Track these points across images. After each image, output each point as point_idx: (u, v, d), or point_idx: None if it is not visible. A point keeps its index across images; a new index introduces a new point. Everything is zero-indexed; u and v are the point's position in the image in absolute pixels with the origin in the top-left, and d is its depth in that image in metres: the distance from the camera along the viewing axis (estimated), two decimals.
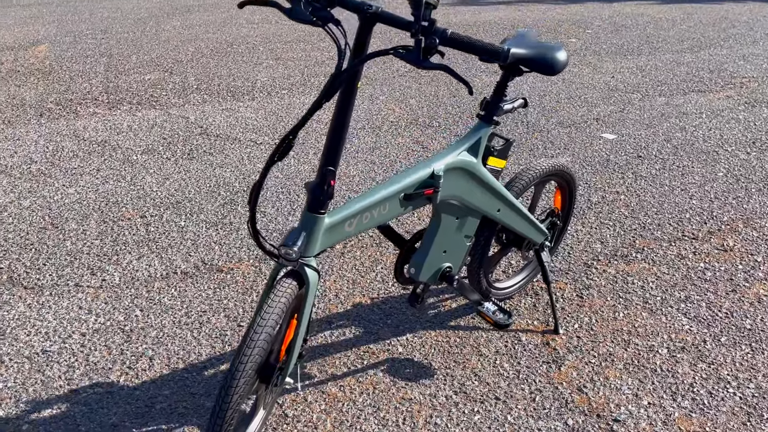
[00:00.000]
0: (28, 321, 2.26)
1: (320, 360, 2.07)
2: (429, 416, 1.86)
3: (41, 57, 6.08)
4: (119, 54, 6.10)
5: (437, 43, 1.33)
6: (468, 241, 1.98)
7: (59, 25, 7.76)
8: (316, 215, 1.52)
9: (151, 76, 5.32)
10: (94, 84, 5.08)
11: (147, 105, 4.54)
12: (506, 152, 1.95)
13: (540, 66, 1.79)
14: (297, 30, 6.99)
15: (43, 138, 3.96)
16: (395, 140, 3.85)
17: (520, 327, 2.23)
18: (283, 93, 4.74)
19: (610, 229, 2.84)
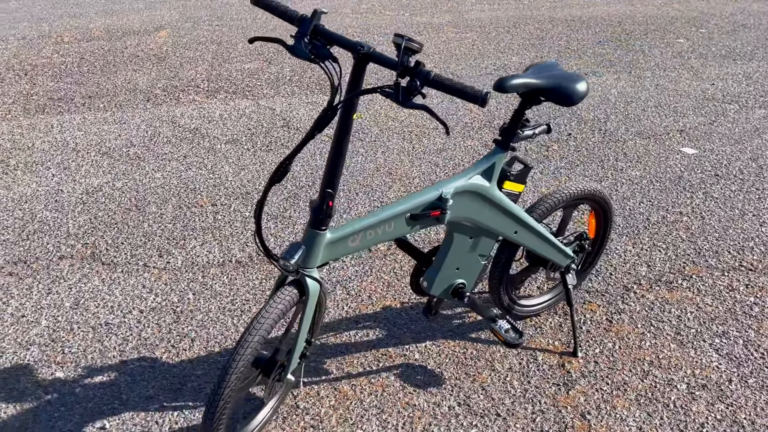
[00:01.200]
0: (99, 294, 2.57)
1: (340, 357, 2.23)
2: (428, 424, 1.96)
3: (160, 42, 6.59)
4: (228, 42, 6.48)
5: (419, 85, 1.42)
6: (483, 260, 2.04)
7: (183, 11, 8.33)
8: (317, 231, 1.65)
9: (251, 65, 5.64)
10: (199, 72, 5.47)
11: (241, 95, 4.85)
12: (524, 177, 1.99)
13: (556, 97, 1.82)
14: (402, 22, 7.11)
15: (145, 123, 4.35)
16: (465, 142, 3.91)
17: (540, 346, 2.26)
18: None
19: (661, 252, 2.78)
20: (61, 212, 3.19)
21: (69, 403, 2.04)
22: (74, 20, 7.85)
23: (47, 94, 4.97)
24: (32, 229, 3.04)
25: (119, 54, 6.13)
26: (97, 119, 4.40)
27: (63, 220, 3.11)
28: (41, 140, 4.07)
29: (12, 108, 4.70)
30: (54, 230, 3.03)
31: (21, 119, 4.46)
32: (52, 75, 5.47)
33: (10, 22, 7.97)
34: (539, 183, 3.39)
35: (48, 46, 6.56)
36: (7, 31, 7.40)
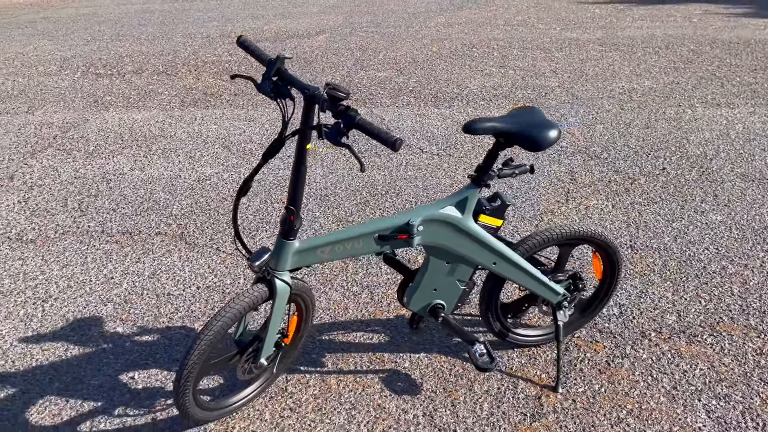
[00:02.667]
0: (172, 269, 3.07)
1: (339, 354, 2.49)
2: (388, 427, 2.17)
3: (315, 46, 7.20)
4: (373, 49, 6.93)
5: (344, 127, 1.65)
6: (462, 285, 2.20)
7: (348, 16, 8.95)
8: (285, 241, 1.94)
9: (383, 74, 6.02)
10: (334, 77, 5.96)
11: (361, 102, 5.24)
12: (500, 212, 2.11)
13: (522, 142, 1.93)
14: (548, 36, 7.10)
15: (269, 122, 4.90)
16: (547, 167, 3.94)
17: (526, 375, 2.36)
18: (479, 104, 5.05)
19: (700, 304, 2.69)
20: (172, 195, 3.77)
21: (116, 354, 2.52)
22: (254, 21, 8.78)
23: (204, 89, 5.73)
24: (146, 207, 3.65)
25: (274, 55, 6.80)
26: (232, 115, 5.03)
27: (171, 202, 3.69)
28: (183, 130, 4.76)
29: (173, 99, 5.50)
30: (162, 210, 3.61)
31: (175, 110, 5.22)
32: (214, 72, 6.26)
33: (204, 21, 9.12)
34: (608, 217, 3.36)
35: (223, 45, 7.46)
36: (197, 29, 8.50)
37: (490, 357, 2.21)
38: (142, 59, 6.95)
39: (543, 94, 5.20)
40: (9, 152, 4.51)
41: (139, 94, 5.70)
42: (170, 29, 8.53)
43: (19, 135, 4.84)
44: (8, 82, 6.32)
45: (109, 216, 3.56)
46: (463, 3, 9.56)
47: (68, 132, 4.83)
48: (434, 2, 9.70)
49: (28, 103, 5.63)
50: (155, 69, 6.54)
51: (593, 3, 9.25)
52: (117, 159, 4.31)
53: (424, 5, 9.49)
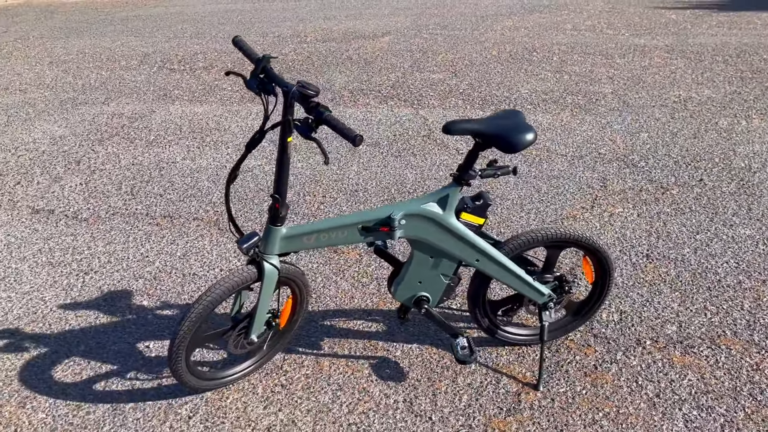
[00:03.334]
0: (201, 251, 3.31)
1: (337, 339, 2.64)
2: (368, 409, 2.30)
3: (377, 48, 7.38)
4: (434, 51, 7.03)
5: (313, 122, 1.79)
6: (446, 279, 2.29)
7: (416, 18, 9.09)
8: (272, 227, 2.10)
9: (437, 75, 6.11)
10: (390, 78, 6.11)
11: (408, 103, 5.37)
12: (482, 211, 2.19)
13: (498, 143, 2.01)
14: (614, 42, 7.00)
15: None
16: (580, 173, 3.94)
17: (511, 372, 2.42)
18: (525, 108, 5.07)
19: (704, 316, 2.66)
20: (215, 184, 4.03)
21: (138, 324, 2.77)
22: (325, 22, 9.06)
23: None
24: (190, 194, 3.92)
25: (339, 55, 7.04)
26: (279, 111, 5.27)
27: (213, 190, 3.94)
28: (236, 124, 5.04)
29: (233, 95, 5.81)
30: (203, 197, 3.87)
31: (234, 105, 5.52)
32: (278, 70, 6.53)
33: (279, 20, 9.49)
34: (630, 225, 3.35)
35: (291, 44, 7.76)
36: (271, 28, 8.86)
37: (470, 351, 2.29)
38: (214, 56, 7.33)
39: (593, 101, 5.15)
40: (81, 139, 4.91)
41: (204, 89, 6.05)
42: (246, 28, 8.92)
43: (92, 123, 5.26)
44: (93, 75, 6.83)
45: (156, 200, 3.84)
46: (534, 7, 9.50)
47: (135, 122, 5.21)
48: (505, 6, 9.68)
49: (106, 94, 6.08)
50: (223, 66, 6.89)
51: (671, 8, 8.98)
52: (172, 148, 4.62)
53: (494, 8, 9.49)
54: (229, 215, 2.12)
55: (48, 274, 3.14)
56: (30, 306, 2.90)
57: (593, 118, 4.78)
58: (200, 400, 2.33)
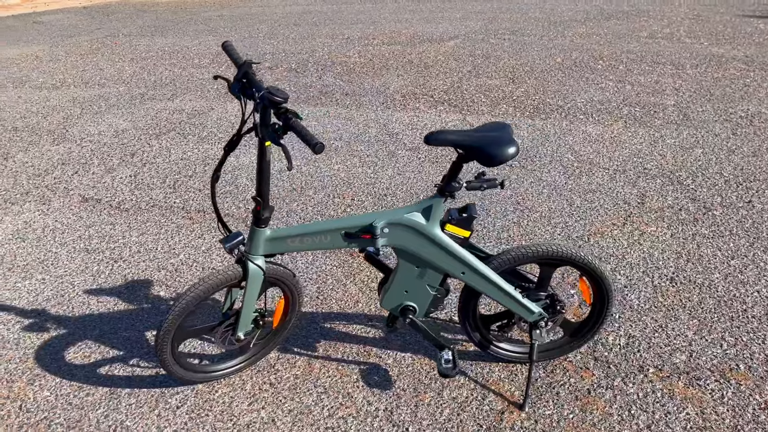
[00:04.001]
0: None
1: (333, 342, 2.66)
2: (348, 415, 2.31)
3: (441, 52, 7.36)
4: (496, 56, 6.94)
5: (281, 127, 1.82)
6: (433, 290, 2.27)
7: (487, 23, 8.99)
8: (256, 228, 2.15)
9: (494, 81, 6.03)
10: (447, 83, 6.08)
11: (459, 108, 5.32)
12: (467, 224, 2.15)
13: (478, 156, 1.97)
14: (690, 51, 6.69)
15: (365, 123, 5.14)
16: (618, 188, 3.80)
17: (499, 390, 2.37)
18: (578, 118, 4.92)
19: (719, 347, 2.51)
20: (252, 182, 4.14)
21: (150, 313, 2.89)
22: (395, 25, 9.12)
23: (321, 88, 6.12)
24: (227, 190, 4.05)
25: (401, 58, 7.07)
26: (335, 114, 5.35)
27: (249, 188, 4.06)
28: None
29: (293, 96, 5.94)
30: (239, 194, 3.99)
31: (295, 107, 5.64)
32: (337, 72, 6.65)
33: (351, 23, 9.63)
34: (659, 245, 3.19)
35: (358, 46, 7.86)
36: (343, 30, 9.00)
37: (453, 364, 2.26)
38: (282, 57, 7.52)
39: (650, 113, 4.94)
40: (141, 133, 5.17)
41: None
42: (318, 29, 9.11)
43: (154, 118, 5.52)
44: (165, 72, 7.17)
45: (193, 195, 4.00)
46: (613, 13, 9.19)
47: (192, 119, 5.43)
48: (581, 11, 9.41)
49: (173, 91, 6.37)
50: (288, 66, 7.06)
51: (762, 17, 8.46)
52: (220, 145, 4.78)
53: (570, 14, 9.25)
54: (216, 214, 2.18)
55: (82, 260, 3.32)
56: (60, 289, 3.08)
57: (646, 131, 4.58)
58: (191, 391, 2.41)
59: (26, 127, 5.49)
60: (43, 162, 4.66)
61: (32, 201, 4.03)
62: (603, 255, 3.10)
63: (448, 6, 10.70)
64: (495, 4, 10.54)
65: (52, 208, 3.93)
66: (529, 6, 10.17)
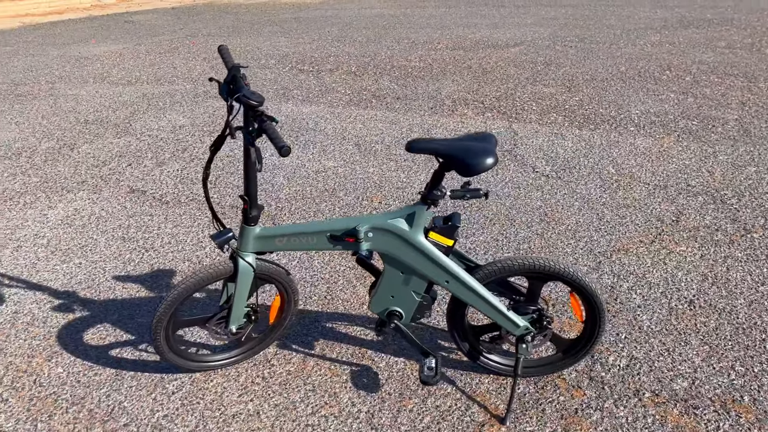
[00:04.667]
0: None
1: (331, 342, 2.71)
2: (330, 414, 2.34)
3: (502, 58, 7.29)
4: (558, 64, 6.81)
5: (253, 130, 1.88)
6: (418, 297, 2.28)
7: (558, 29, 8.82)
8: (245, 226, 2.23)
9: (549, 89, 5.92)
10: (501, 89, 6.02)
11: (507, 116, 5.26)
12: (450, 233, 2.15)
13: (455, 165, 1.97)
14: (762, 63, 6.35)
15: (408, 127, 5.17)
16: (655, 205, 3.66)
17: (484, 401, 2.35)
18: (628, 130, 4.77)
19: (727, 377, 2.38)
20: (288, 181, 4.26)
21: None
22: (463, 30, 9.09)
23: (375, 91, 6.20)
24: (263, 188, 4.18)
25: (461, 63, 7.05)
26: (381, 117, 5.40)
27: (284, 187, 4.17)
28: (332, 127, 5.26)
29: (342, 98, 6.06)
30: (273, 192, 4.11)
31: (339, 108, 5.76)
32: (395, 76, 6.71)
33: (419, 27, 9.68)
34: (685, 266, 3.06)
35: (421, 50, 7.89)
36: (409, 34, 9.06)
37: (435, 373, 2.26)
38: (344, 59, 7.65)
39: (708, 127, 4.71)
40: (196, 129, 5.40)
41: (320, 91, 6.35)
42: (386, 33, 9.20)
43: (211, 116, 5.75)
44: None
45: (230, 191, 4.14)
46: (692, 21, 8.80)
47: None
48: (659, 19, 9.06)
49: None
50: (348, 69, 7.18)
51: None
52: (266, 145, 4.93)
53: (646, 22, 8.93)
54: (211, 210, 2.27)
55: (117, 248, 3.52)
56: (92, 273, 3.28)
57: (699, 146, 4.37)
58: (188, 379, 2.51)
59: (96, 120, 5.83)
60: (104, 153, 4.95)
61: (86, 190, 4.30)
62: (622, 273, 3.00)
63: (521, 12, 10.55)
64: (571, 11, 10.30)
65: (101, 197, 4.17)
66: (606, 13, 9.87)
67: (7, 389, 2.50)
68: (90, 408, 2.40)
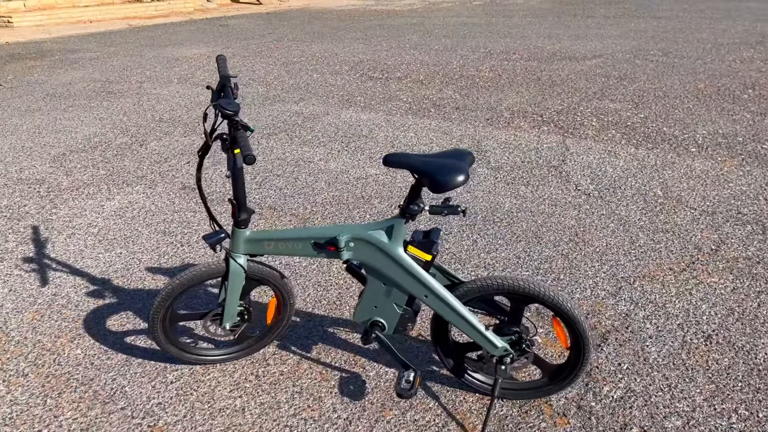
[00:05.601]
0: None
1: (328, 347, 2.76)
2: (309, 416, 2.39)
3: (575, 70, 7.11)
4: (632, 78, 6.57)
5: (226, 137, 1.96)
6: (400, 309, 2.30)
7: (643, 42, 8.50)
8: (236, 228, 2.32)
9: (615, 105, 5.73)
10: (565, 103, 5.88)
11: (563, 131, 5.13)
12: (428, 247, 2.15)
13: (427, 181, 1.97)
14: None
15: (458, 138, 5.15)
16: (696, 231, 3.48)
17: (464, 420, 2.33)
18: (689, 152, 4.55)
19: (726, 420, 2.24)
20: (328, 186, 4.35)
21: (188, 296, 3.19)
22: (545, 40, 8.94)
23: (436, 101, 6.22)
24: (303, 191, 4.30)
25: (530, 75, 6.94)
26: (435, 126, 5.41)
27: (323, 191, 4.27)
28: (384, 134, 5.32)
29: (402, 106, 6.11)
30: (312, 196, 4.22)
31: (395, 116, 5.81)
32: (460, 86, 6.69)
33: (500, 36, 9.58)
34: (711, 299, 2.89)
35: (494, 60, 7.83)
36: (487, 43, 9.00)
37: (412, 387, 2.26)
38: (416, 67, 7.70)
39: None
40: (256, 132, 5.61)
41: (383, 98, 6.43)
42: (465, 42, 9.17)
43: (275, 119, 5.96)
44: (305, 77, 7.66)
45: (273, 193, 4.29)
46: None
47: (307, 122, 5.78)
48: (757, 34, 8.53)
49: (302, 95, 6.80)
50: (416, 77, 7.22)
51: None
52: (317, 149, 5.06)
53: (742, 36, 8.43)
54: (207, 212, 2.38)
55: (156, 241, 3.73)
56: (128, 263, 3.49)
57: (762, 172, 4.10)
58: (188, 370, 2.64)
59: (170, 118, 6.18)
60: (167, 150, 5.24)
61: (143, 184, 4.57)
62: (641, 300, 2.87)
63: (610, 23, 10.21)
64: (663, 23, 9.87)
65: (154, 192, 4.42)
66: (701, 25, 9.39)
67: (30, 365, 2.71)
68: (95, 389, 2.56)
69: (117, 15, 15.02)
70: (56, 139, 5.65)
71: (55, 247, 3.69)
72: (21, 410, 2.44)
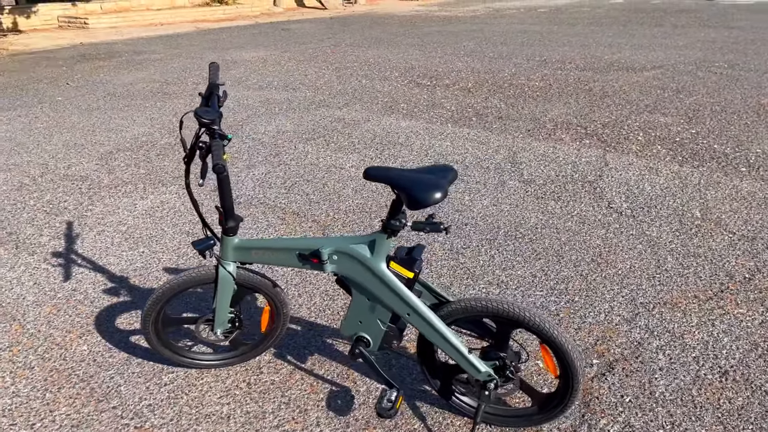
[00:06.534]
0: None
1: (323, 358, 2.72)
2: (292, 429, 2.34)
3: (630, 82, 6.86)
4: (689, 91, 6.28)
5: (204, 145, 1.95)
6: (384, 326, 2.23)
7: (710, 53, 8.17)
8: (225, 236, 2.32)
9: (666, 119, 5.48)
10: (612, 116, 5.67)
11: (606, 144, 4.93)
12: (410, 264, 2.08)
13: (405, 197, 1.91)
14: None
15: (494, 149, 5.02)
16: (731, 258, 3.27)
17: None
18: (738, 172, 4.29)
19: None
20: (355, 193, 4.32)
21: (198, 298, 3.21)
22: (603, 50, 8.68)
23: (479, 109, 6.11)
24: (328, 197, 4.29)
25: (582, 85, 6.74)
26: (473, 136, 5.31)
27: (348, 198, 4.24)
28: (420, 143, 5.26)
29: (444, 113, 6.03)
30: (336, 202, 4.20)
31: (435, 125, 5.74)
32: (507, 95, 6.56)
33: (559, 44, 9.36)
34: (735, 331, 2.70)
35: (547, 69, 7.65)
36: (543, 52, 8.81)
37: (393, 407, 2.19)
38: (466, 75, 7.60)
39: None
40: (295, 136, 5.66)
41: (426, 106, 6.36)
42: (521, 50, 9.00)
43: (316, 124, 5.99)
44: (353, 83, 7.68)
45: (299, 198, 4.29)
46: None
47: (346, 128, 5.78)
48: None
49: (347, 100, 6.82)
50: (464, 85, 7.12)
51: None
52: (351, 156, 5.04)
53: None
54: (200, 218, 2.38)
55: (178, 241, 3.79)
56: (148, 262, 3.56)
57: None
58: (183, 373, 2.65)
59: None
60: None
61: (177, 184, 4.66)
62: (657, 329, 2.70)
63: (677, 32, 9.80)
64: (735, 33, 9.40)
65: (185, 193, 4.50)
66: None
67: (38, 358, 2.78)
68: (93, 387, 2.60)
69: (186, 18, 15.51)
70: (107, 137, 5.85)
71: (84, 243, 3.79)
72: (20, 402, 2.50)
